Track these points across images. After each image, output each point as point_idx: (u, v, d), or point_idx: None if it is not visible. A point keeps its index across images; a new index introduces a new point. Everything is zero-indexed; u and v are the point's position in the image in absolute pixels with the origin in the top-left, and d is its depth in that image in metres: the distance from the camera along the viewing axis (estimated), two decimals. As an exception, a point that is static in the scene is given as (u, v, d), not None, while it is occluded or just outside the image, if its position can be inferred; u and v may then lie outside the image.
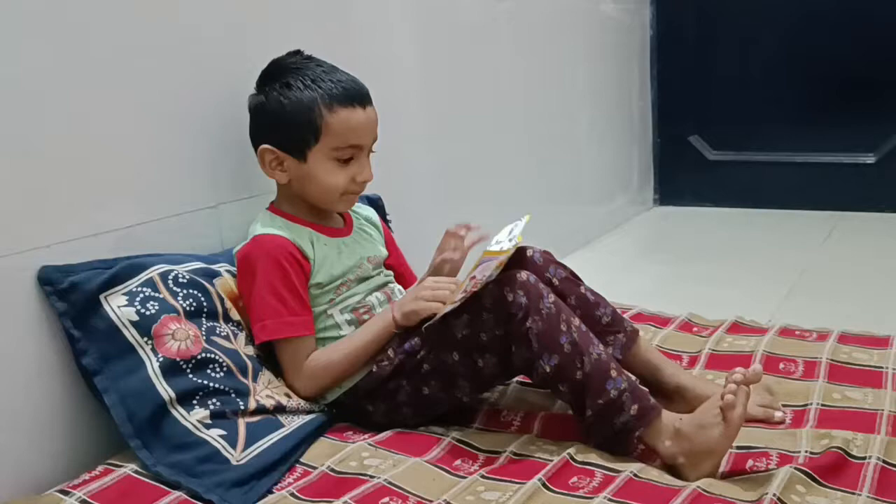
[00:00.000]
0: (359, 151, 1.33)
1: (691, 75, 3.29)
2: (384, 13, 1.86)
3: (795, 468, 1.09)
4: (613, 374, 1.19)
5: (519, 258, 1.34)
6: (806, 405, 1.34)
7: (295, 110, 1.29)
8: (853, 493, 1.06)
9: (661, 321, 1.79)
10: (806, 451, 1.17)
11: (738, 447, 1.21)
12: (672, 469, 1.16)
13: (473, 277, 1.24)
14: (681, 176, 3.39)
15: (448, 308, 1.24)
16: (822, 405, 1.34)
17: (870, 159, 3.08)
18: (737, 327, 1.73)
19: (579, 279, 1.39)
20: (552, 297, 1.23)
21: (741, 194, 3.24)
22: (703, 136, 3.34)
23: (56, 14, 1.17)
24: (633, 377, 1.27)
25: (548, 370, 1.20)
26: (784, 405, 1.35)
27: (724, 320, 1.76)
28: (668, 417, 1.19)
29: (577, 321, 1.23)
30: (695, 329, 1.74)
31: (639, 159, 3.32)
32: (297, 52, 1.37)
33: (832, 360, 1.51)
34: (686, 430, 1.16)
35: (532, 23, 2.49)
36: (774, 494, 1.03)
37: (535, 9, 2.49)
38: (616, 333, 1.36)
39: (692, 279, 2.39)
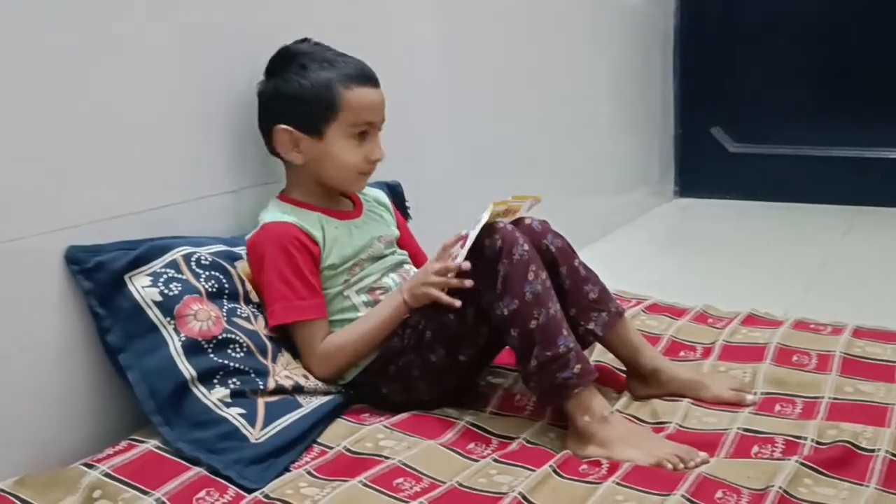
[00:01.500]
0: (371, 129, 1.37)
1: (713, 67, 3.28)
2: (408, 1, 1.88)
3: (802, 462, 1.10)
4: (565, 332, 1.23)
5: (516, 223, 1.36)
6: (817, 397, 1.35)
7: (313, 89, 1.34)
8: (861, 485, 1.07)
9: (676, 312, 1.80)
10: (812, 440, 1.18)
11: (745, 430, 1.23)
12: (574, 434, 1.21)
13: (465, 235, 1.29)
14: (701, 168, 3.38)
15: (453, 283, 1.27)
16: (834, 398, 1.35)
17: (892, 154, 3.06)
18: (751, 319, 1.74)
19: (575, 252, 1.41)
20: (527, 246, 1.27)
21: (762, 187, 3.23)
22: (725, 128, 3.33)
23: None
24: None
25: (505, 313, 1.24)
26: (795, 396, 1.36)
27: (739, 312, 1.77)
28: (600, 399, 1.24)
29: (544, 274, 1.27)
30: (709, 320, 1.75)
31: (660, 151, 3.32)
32: (306, 40, 1.41)
33: (846, 353, 1.51)
34: (613, 430, 1.20)
35: (554, 12, 2.49)
36: (781, 487, 1.05)
37: (558, -2, 2.49)
38: (600, 311, 1.38)
39: (711, 271, 2.39)
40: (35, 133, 1.15)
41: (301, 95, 1.34)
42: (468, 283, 1.26)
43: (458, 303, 1.26)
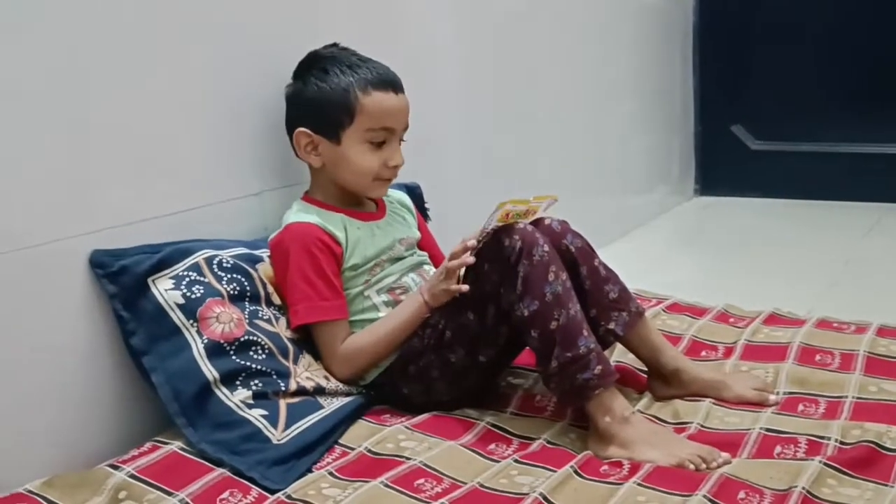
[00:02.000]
0: (391, 136, 1.38)
1: (734, 64, 3.25)
2: (425, 1, 1.88)
3: (825, 463, 1.09)
4: (585, 333, 1.23)
5: (535, 223, 1.37)
6: (841, 397, 1.34)
7: (331, 93, 1.35)
8: (885, 485, 1.06)
9: (698, 311, 1.79)
10: (836, 440, 1.18)
11: (768, 430, 1.23)
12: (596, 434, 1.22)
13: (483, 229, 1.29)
14: (722, 166, 3.35)
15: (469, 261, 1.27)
16: (858, 398, 1.33)
17: (917, 150, 3.02)
18: (774, 318, 1.73)
19: (595, 252, 1.41)
20: (547, 247, 1.27)
21: (783, 185, 3.20)
22: (746, 125, 3.30)
23: (106, 2, 1.22)
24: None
25: (525, 314, 1.24)
26: (818, 396, 1.35)
27: (761, 311, 1.75)
28: (621, 399, 1.23)
29: (565, 275, 1.26)
30: (731, 320, 1.74)
31: (680, 149, 3.30)
32: (334, 45, 1.42)
33: (870, 352, 1.50)
34: (634, 430, 1.20)
35: (572, 10, 2.49)
36: (804, 488, 1.04)
37: (576, -3, 2.49)
38: (620, 311, 1.38)
39: (732, 270, 2.38)
40: (59, 138, 1.17)
41: (320, 99, 1.36)
42: (469, 259, 1.26)
43: (465, 287, 1.27)
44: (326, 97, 1.35)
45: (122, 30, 1.24)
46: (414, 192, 1.66)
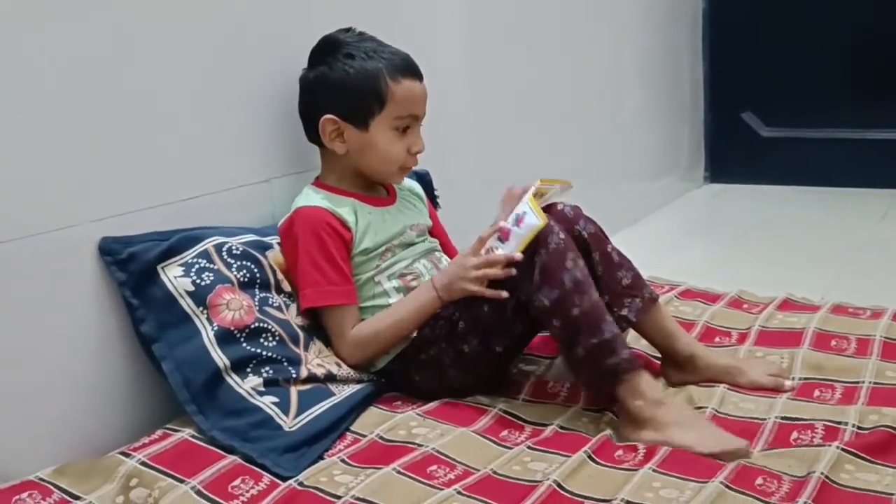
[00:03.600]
0: (415, 122, 1.37)
1: (744, 50, 3.23)
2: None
3: (843, 448, 1.08)
4: (608, 318, 1.22)
5: (548, 209, 1.36)
6: (857, 382, 1.33)
7: (361, 79, 1.33)
8: (904, 470, 1.05)
9: (710, 297, 1.78)
10: (853, 425, 1.16)
11: (783, 418, 1.21)
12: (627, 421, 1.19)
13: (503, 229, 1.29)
14: (732, 153, 3.33)
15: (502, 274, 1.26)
16: (875, 383, 1.32)
17: (930, 136, 2.99)
18: (788, 304, 1.71)
19: (607, 237, 1.40)
20: (562, 235, 1.25)
21: (794, 172, 3.18)
22: (756, 112, 3.27)
23: (115, -9, 1.21)
24: None
25: (546, 303, 1.22)
26: (834, 381, 1.34)
27: (775, 297, 1.74)
28: (652, 381, 1.21)
29: (582, 262, 1.25)
30: (745, 306, 1.72)
31: (689, 136, 3.28)
32: (350, 29, 1.40)
33: (886, 337, 1.48)
34: (669, 413, 1.17)
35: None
36: (822, 473, 1.03)
37: (585, -17, 2.47)
38: (634, 297, 1.36)
39: (743, 258, 2.36)
40: (67, 126, 1.16)
41: (347, 85, 1.34)
42: (512, 271, 1.25)
43: (504, 293, 1.26)
44: (355, 83, 1.33)
45: (130, 17, 1.23)
46: (424, 179, 1.65)
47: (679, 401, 1.24)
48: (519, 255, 1.25)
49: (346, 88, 1.34)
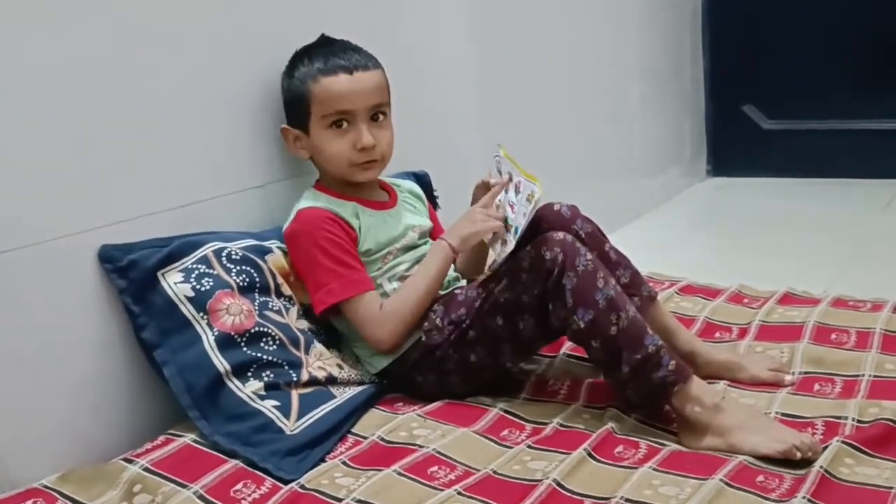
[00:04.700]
0: (351, 117, 1.36)
1: (745, 42, 3.21)
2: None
3: (843, 441, 1.08)
4: (649, 331, 1.20)
5: (546, 211, 1.36)
6: (858, 375, 1.32)
7: (293, 87, 1.37)
8: (904, 464, 1.05)
9: (711, 293, 1.78)
10: (853, 419, 1.16)
11: (784, 414, 1.21)
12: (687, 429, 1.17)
13: (512, 206, 1.31)
14: (735, 146, 3.32)
15: (512, 244, 1.29)
16: (875, 376, 1.32)
17: (932, 125, 2.98)
18: (788, 298, 1.71)
19: (605, 236, 1.40)
20: (590, 256, 1.23)
21: (797, 164, 3.16)
22: (758, 104, 3.26)
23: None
24: None
25: (582, 325, 1.20)
26: (834, 375, 1.34)
27: (776, 291, 1.74)
28: (706, 387, 1.19)
29: (612, 279, 1.23)
30: (745, 300, 1.72)
31: (691, 129, 3.27)
32: (321, 36, 1.42)
33: (886, 330, 1.48)
34: (729, 417, 1.14)
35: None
36: (822, 467, 1.03)
37: (583, -21, 2.46)
38: (632, 296, 1.35)
39: (746, 251, 2.35)
40: (66, 134, 1.17)
41: (288, 94, 1.39)
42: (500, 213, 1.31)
43: (508, 246, 1.28)
44: (291, 92, 1.38)
45: (128, 23, 1.24)
46: (422, 181, 1.65)
47: (737, 403, 1.21)
48: (516, 217, 1.27)
49: (288, 98, 1.39)
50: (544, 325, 1.25)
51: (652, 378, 1.17)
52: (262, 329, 1.25)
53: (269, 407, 1.20)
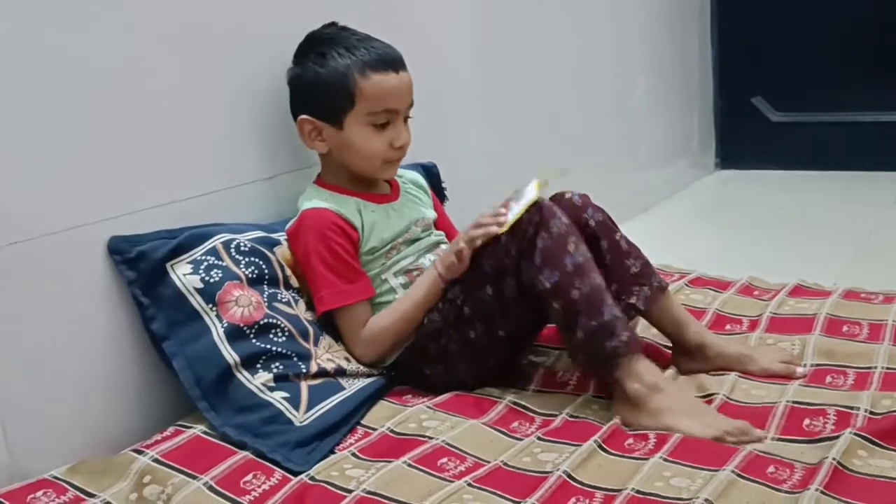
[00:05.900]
0: (394, 116, 1.35)
1: (754, 34, 3.20)
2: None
3: (856, 434, 1.07)
4: (609, 301, 1.21)
5: (557, 199, 1.35)
6: (870, 367, 1.32)
7: (330, 78, 1.33)
8: (917, 456, 1.04)
9: (721, 285, 1.77)
10: (866, 410, 1.16)
11: (795, 402, 1.21)
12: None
13: (507, 202, 1.29)
14: (743, 138, 3.31)
15: (493, 230, 1.27)
16: (888, 368, 1.31)
17: (943, 117, 2.96)
18: (799, 290, 1.70)
19: (616, 226, 1.40)
20: (565, 219, 1.25)
21: (806, 156, 3.15)
22: (767, 97, 3.25)
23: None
24: None
25: (547, 286, 1.22)
26: (846, 367, 1.33)
27: (786, 283, 1.73)
28: (651, 366, 1.21)
29: (584, 247, 1.25)
30: (755, 293, 1.72)
31: (700, 122, 3.26)
32: (333, 24, 1.40)
33: (899, 322, 1.47)
34: (667, 399, 1.17)
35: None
36: (835, 458, 1.02)
37: (591, -29, 2.45)
38: (642, 285, 1.36)
39: (755, 243, 2.34)
40: (75, 127, 1.17)
41: (319, 85, 1.34)
42: (493, 230, 1.26)
43: (495, 229, 1.25)
44: (325, 82, 1.33)
45: (136, 17, 1.23)
46: (430, 172, 1.64)
47: (678, 388, 1.23)
48: (508, 216, 1.24)
49: (318, 88, 1.34)
50: (523, 286, 1.26)
51: (604, 346, 1.19)
52: (271, 321, 1.24)
53: (278, 398, 1.20)
